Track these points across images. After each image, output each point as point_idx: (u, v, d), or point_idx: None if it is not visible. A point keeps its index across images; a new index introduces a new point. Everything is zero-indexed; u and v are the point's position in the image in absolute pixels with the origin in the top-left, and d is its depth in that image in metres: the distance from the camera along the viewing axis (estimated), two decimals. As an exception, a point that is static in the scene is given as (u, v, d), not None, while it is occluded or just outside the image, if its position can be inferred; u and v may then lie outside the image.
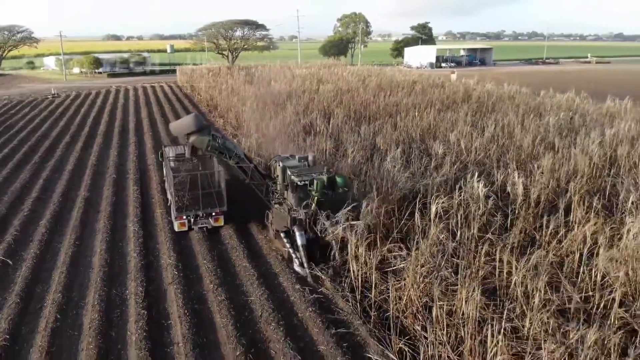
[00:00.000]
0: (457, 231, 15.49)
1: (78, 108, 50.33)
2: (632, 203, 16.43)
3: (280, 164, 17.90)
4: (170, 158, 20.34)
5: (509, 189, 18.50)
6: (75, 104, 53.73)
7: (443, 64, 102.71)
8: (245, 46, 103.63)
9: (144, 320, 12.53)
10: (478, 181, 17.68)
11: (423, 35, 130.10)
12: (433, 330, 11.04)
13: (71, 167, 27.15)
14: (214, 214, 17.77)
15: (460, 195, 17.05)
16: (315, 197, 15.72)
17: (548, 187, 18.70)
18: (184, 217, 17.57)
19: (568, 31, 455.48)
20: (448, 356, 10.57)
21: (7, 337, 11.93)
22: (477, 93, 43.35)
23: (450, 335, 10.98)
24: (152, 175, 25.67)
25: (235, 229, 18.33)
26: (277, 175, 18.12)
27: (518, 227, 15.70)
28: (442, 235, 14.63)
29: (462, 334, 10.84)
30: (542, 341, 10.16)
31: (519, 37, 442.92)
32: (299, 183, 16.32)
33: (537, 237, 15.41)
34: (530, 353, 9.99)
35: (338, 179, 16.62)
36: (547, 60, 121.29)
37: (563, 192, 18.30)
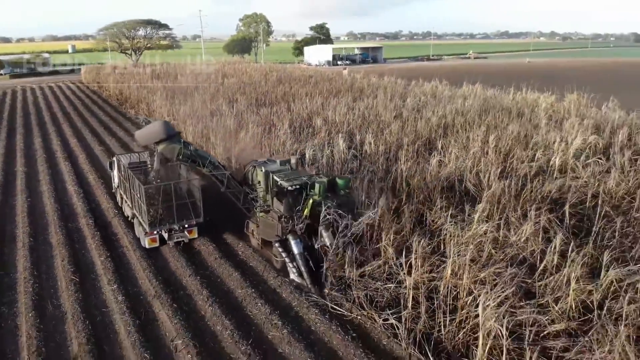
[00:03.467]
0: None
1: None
2: (443, 147, 23.87)
3: (262, 169, 16.62)
4: (129, 167, 18.19)
5: (365, 146, 25.31)
6: (-20, 101, 54.47)
7: (339, 62, 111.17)
8: (149, 45, 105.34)
9: (99, 236, 17.56)
10: (343, 140, 24.39)
11: (321, 35, 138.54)
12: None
13: (2, 151, 30.47)
14: (187, 226, 16.77)
15: (329, 149, 23.60)
16: (310, 202, 14.89)
17: (394, 143, 25.76)
18: (155, 232, 16.43)
19: (460, 30, 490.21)
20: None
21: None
22: (359, 84, 50.86)
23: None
24: (78, 154, 29.73)
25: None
26: (258, 182, 16.90)
27: (366, 167, 22.40)
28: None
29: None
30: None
31: (415, 37, 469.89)
32: (289, 188, 15.30)
33: (376, 172, 22.16)
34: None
35: (339, 181, 15.80)
36: (431, 57, 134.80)
37: (402, 146, 25.41)
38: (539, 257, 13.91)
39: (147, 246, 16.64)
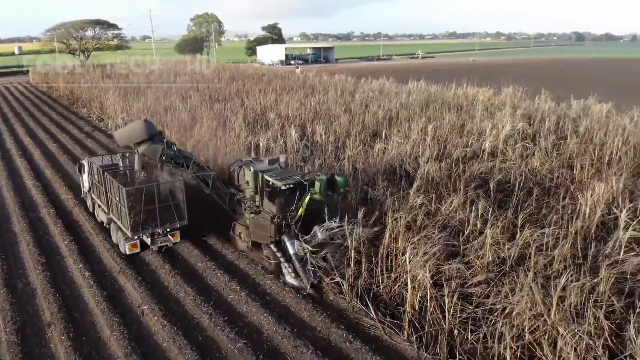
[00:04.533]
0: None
1: None
2: (387, 136, 25.80)
3: (251, 169, 16.07)
4: (102, 169, 17.06)
5: (316, 137, 26.95)
6: None
7: (292, 61, 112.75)
8: (98, 45, 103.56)
9: (61, 223, 18.37)
10: (295, 132, 25.97)
11: (274, 35, 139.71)
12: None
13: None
14: (169, 229, 16.13)
15: (282, 140, 25.13)
16: (306, 200, 14.61)
17: (343, 134, 27.52)
18: (136, 237, 15.73)
19: (410, 32, 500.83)
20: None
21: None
22: (311, 82, 52.56)
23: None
24: (33, 151, 29.96)
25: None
26: (246, 182, 16.30)
27: (318, 156, 24.00)
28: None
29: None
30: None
31: (366, 38, 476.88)
32: (282, 187, 14.97)
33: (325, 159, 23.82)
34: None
35: (338, 179, 15.40)
36: (382, 57, 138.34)
37: (350, 136, 27.23)
38: (466, 224, 15.86)
39: (127, 252, 15.85)
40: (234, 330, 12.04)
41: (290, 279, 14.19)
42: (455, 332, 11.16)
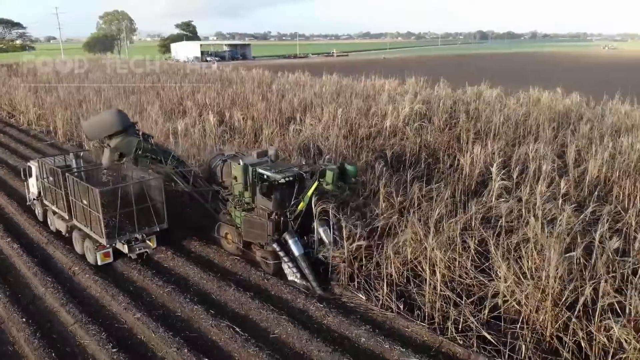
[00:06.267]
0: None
1: None
2: (302, 120, 27.87)
3: (240, 162, 14.48)
4: (63, 170, 15.16)
5: (235, 122, 28.44)
6: None
7: (208, 58, 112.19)
8: (1, 45, 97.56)
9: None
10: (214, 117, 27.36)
11: (188, 32, 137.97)
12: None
13: None
14: (148, 234, 14.55)
15: (201, 125, 26.44)
16: (309, 193, 13.69)
17: (261, 119, 29.24)
18: (109, 246, 13.97)
19: (326, 32, 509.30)
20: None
21: None
22: (228, 76, 53.67)
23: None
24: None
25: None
26: (234, 177, 14.63)
27: (235, 140, 25.49)
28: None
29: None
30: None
31: (283, 38, 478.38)
32: (281, 181, 13.80)
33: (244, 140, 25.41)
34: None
35: (349, 168, 14.08)
36: (298, 55, 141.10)
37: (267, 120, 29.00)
38: (367, 183, 18.12)
39: (99, 263, 14.12)
40: (162, 279, 13.45)
41: (295, 280, 13.35)
42: (356, 263, 13.27)
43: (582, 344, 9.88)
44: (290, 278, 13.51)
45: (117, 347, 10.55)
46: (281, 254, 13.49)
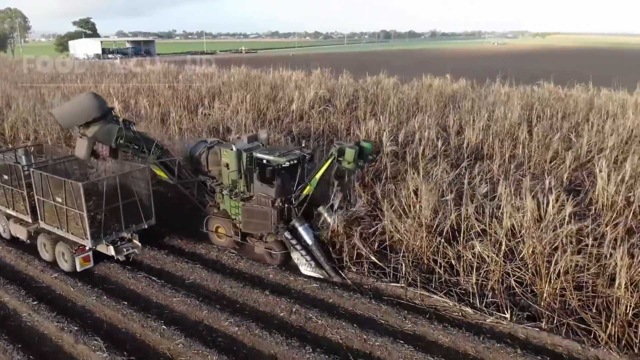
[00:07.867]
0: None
1: None
2: (210, 105, 28.67)
3: (233, 148, 13.58)
4: (26, 166, 13.78)
5: (141, 110, 28.66)
6: None
7: (110, 55, 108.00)
8: None
9: None
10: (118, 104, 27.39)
11: (87, 30, 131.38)
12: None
13: None
14: (135, 232, 13.40)
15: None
16: (317, 176, 12.85)
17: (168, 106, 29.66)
18: (89, 248, 12.56)
19: (234, 31, 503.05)
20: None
21: None
22: (132, 70, 52.92)
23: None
24: None
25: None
26: (225, 165, 13.77)
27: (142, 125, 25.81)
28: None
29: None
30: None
31: (190, 36, 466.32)
32: (285, 165, 12.96)
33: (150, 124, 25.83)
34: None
35: (366, 145, 12.96)
36: (205, 52, 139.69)
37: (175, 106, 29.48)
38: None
39: (78, 269, 12.53)
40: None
41: (309, 270, 12.58)
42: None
43: (453, 262, 11.98)
44: (303, 269, 12.65)
45: (37, 301, 11.09)
46: (293, 242, 12.65)
